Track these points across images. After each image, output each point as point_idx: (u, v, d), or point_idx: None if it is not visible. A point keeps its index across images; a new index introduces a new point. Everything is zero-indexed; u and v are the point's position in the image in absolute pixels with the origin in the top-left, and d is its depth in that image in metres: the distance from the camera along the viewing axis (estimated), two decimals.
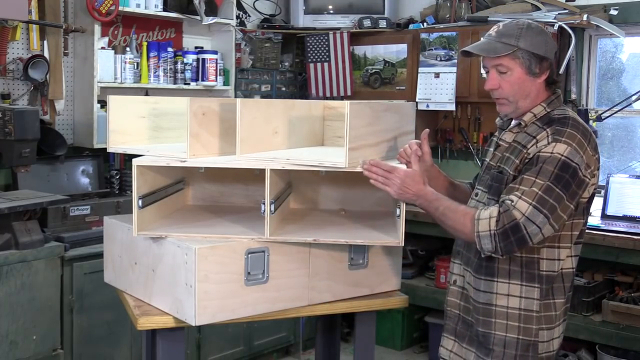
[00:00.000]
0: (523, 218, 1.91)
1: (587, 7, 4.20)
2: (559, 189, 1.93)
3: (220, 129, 2.25)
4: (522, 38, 2.04)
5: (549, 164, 1.94)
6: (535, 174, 1.94)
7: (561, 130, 1.98)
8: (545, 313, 2.07)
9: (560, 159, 1.94)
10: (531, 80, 2.07)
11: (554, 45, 2.12)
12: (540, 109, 2.09)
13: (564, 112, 2.07)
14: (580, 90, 4.34)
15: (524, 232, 1.91)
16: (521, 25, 2.08)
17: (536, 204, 1.91)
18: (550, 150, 1.96)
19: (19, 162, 3.29)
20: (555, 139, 1.97)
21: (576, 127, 2.00)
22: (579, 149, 1.96)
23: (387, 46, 4.79)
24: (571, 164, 1.94)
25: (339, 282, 2.32)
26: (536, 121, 2.07)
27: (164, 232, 2.20)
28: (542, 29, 2.09)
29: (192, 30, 4.52)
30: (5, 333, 3.09)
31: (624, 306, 3.62)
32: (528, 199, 1.92)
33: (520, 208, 1.92)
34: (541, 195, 1.92)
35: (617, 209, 3.94)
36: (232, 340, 4.02)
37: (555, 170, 1.93)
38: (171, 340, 2.19)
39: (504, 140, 2.14)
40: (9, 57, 3.67)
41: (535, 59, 2.05)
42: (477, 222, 1.96)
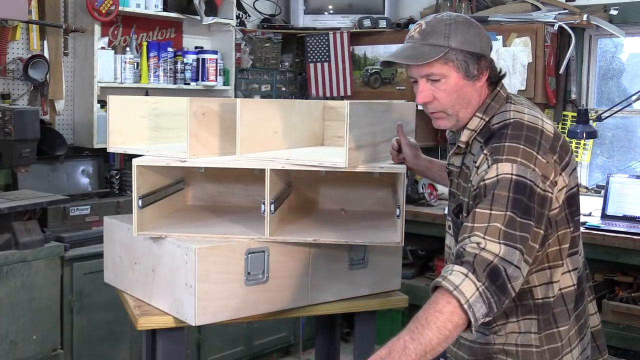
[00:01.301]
0: (497, 259, 1.53)
1: (587, 7, 4.20)
2: (521, 217, 1.57)
3: (220, 129, 2.25)
4: (452, 36, 1.70)
5: (500, 189, 1.58)
6: (489, 205, 1.58)
7: (498, 146, 1.64)
8: (548, 346, 1.75)
9: (511, 179, 1.59)
10: (471, 85, 1.74)
11: (489, 38, 1.79)
12: (477, 121, 1.76)
13: (503, 116, 1.73)
14: (580, 90, 4.34)
15: (503, 276, 1.52)
16: (448, 20, 1.73)
17: (506, 242, 1.54)
18: (494, 174, 1.61)
19: (19, 162, 3.29)
20: (495, 160, 1.62)
21: (516, 134, 1.66)
22: (527, 161, 1.61)
23: (387, 46, 4.79)
24: (525, 182, 1.59)
25: (339, 282, 2.32)
26: (477, 136, 1.76)
27: (164, 232, 2.20)
28: (471, 21, 1.76)
29: (192, 30, 4.52)
30: (5, 333, 3.09)
31: (624, 306, 3.62)
32: (494, 238, 1.54)
33: (491, 249, 1.54)
34: (504, 230, 1.55)
35: (617, 209, 3.94)
36: (232, 340, 4.02)
37: (510, 194, 1.58)
38: (171, 340, 2.19)
39: (453, 165, 1.86)
40: (9, 57, 3.67)
41: (472, 58, 1.72)
42: (459, 291, 1.50)
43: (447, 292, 1.52)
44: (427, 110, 1.80)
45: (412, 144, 2.20)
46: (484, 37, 1.76)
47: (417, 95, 1.77)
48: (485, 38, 1.76)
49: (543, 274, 1.72)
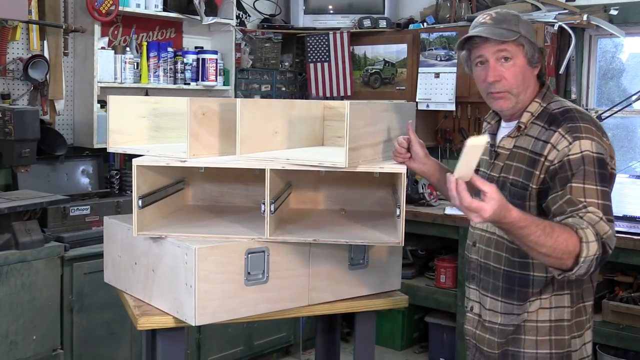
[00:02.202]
0: (606, 236, 1.73)
1: (587, 7, 4.20)
2: (607, 187, 1.80)
3: (220, 129, 2.25)
4: (520, 25, 1.92)
5: (588, 165, 1.79)
6: (582, 180, 1.78)
7: (575, 126, 1.83)
8: (576, 319, 1.93)
9: (593, 156, 1.79)
10: (530, 71, 1.95)
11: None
12: (536, 106, 1.95)
13: (560, 103, 1.94)
14: (580, 90, 4.34)
15: (608, 249, 1.74)
16: (514, 13, 1.96)
17: (607, 216, 1.76)
18: (577, 150, 1.80)
19: (19, 162, 3.29)
20: (575, 137, 1.81)
21: (584, 118, 1.87)
22: (601, 141, 1.83)
23: (387, 46, 4.79)
24: (603, 158, 1.81)
25: (339, 282, 2.32)
26: (535, 120, 1.93)
27: (164, 232, 2.20)
28: (528, 20, 1.99)
29: (192, 30, 4.52)
30: (5, 333, 3.09)
31: (624, 306, 3.62)
32: (598, 210, 1.75)
33: (603, 225, 1.74)
34: (603, 203, 1.77)
35: (617, 209, 3.88)
36: (232, 340, 4.02)
37: (596, 169, 1.79)
38: (171, 340, 2.19)
39: (503, 147, 1.98)
40: (9, 57, 3.67)
41: (535, 47, 1.93)
42: (587, 246, 1.69)
43: (578, 240, 1.70)
44: (491, 90, 1.94)
45: (422, 144, 2.20)
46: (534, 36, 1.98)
47: (488, 74, 1.92)
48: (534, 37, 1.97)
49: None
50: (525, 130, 1.93)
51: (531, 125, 1.93)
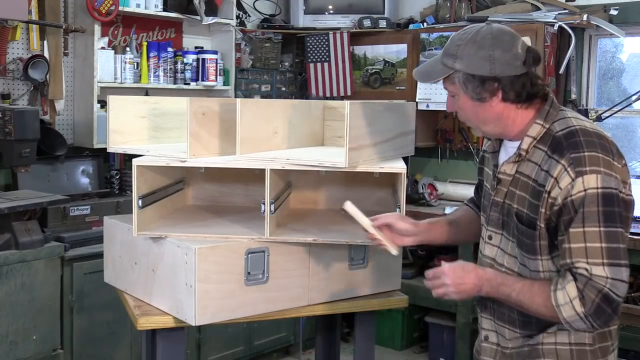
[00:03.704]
0: (608, 283, 1.60)
1: (587, 7, 4.20)
2: (615, 227, 1.62)
3: (220, 129, 2.25)
4: (459, 58, 1.72)
5: (589, 206, 1.61)
6: (581, 224, 1.62)
7: (579, 157, 1.64)
8: (600, 344, 1.77)
9: (598, 193, 1.61)
10: (482, 106, 1.74)
11: (512, 57, 1.71)
12: (538, 128, 1.75)
13: (565, 123, 1.73)
14: (580, 90, 4.34)
15: (614, 297, 1.61)
16: (463, 39, 1.73)
17: (610, 261, 1.61)
18: (580, 188, 1.62)
19: (19, 162, 3.29)
20: (579, 173, 1.63)
21: (590, 141, 1.67)
22: (609, 170, 1.64)
23: (387, 46, 4.79)
24: (612, 192, 1.62)
25: (339, 282, 2.32)
26: (537, 144, 1.74)
27: (164, 232, 2.20)
28: (489, 40, 1.70)
29: (192, 30, 4.52)
30: (5, 333, 3.09)
31: (624, 306, 3.59)
32: (597, 259, 1.61)
33: (599, 274, 1.60)
34: (607, 247, 1.61)
35: None
36: (232, 340, 4.02)
37: (600, 208, 1.61)
38: (171, 340, 2.19)
39: (504, 173, 1.81)
40: (9, 57, 3.67)
41: (474, 81, 1.71)
42: (560, 309, 1.64)
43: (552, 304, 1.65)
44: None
45: (400, 216, 2.06)
46: (502, 57, 1.69)
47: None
48: (505, 57, 1.69)
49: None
50: (528, 155, 1.76)
51: (534, 150, 1.75)
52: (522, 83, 1.73)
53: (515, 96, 1.73)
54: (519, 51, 1.71)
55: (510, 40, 1.72)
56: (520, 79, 1.72)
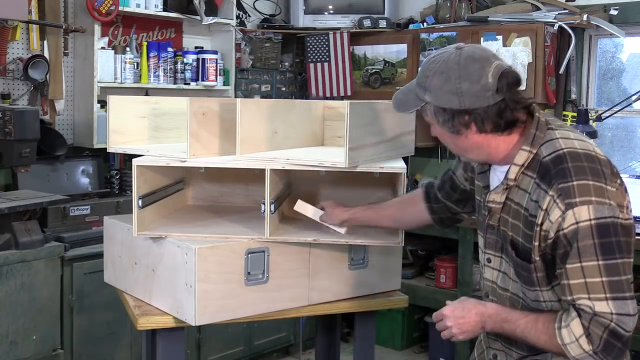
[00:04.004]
0: (614, 318, 1.51)
1: (587, 7, 4.20)
2: (614, 259, 1.52)
3: (220, 129, 2.25)
4: (428, 90, 1.61)
5: (583, 240, 1.51)
6: (578, 259, 1.52)
7: (567, 187, 1.54)
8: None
9: (592, 225, 1.51)
10: (459, 137, 1.64)
11: (481, 88, 1.57)
12: (525, 155, 1.63)
13: (553, 145, 1.61)
14: (580, 90, 4.34)
15: (623, 333, 1.52)
16: (430, 70, 1.61)
17: (614, 295, 1.51)
18: (572, 222, 1.52)
19: (19, 162, 3.29)
20: (568, 205, 1.52)
21: (579, 167, 1.55)
22: (601, 197, 1.53)
23: (387, 46, 4.79)
24: (606, 222, 1.52)
25: (339, 282, 2.32)
26: (525, 171, 1.64)
27: (164, 232, 2.20)
28: (455, 71, 1.57)
29: (192, 30, 4.52)
30: (5, 333, 3.09)
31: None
32: (600, 294, 1.51)
33: (603, 310, 1.51)
34: (608, 280, 1.51)
35: None
36: (232, 340, 4.02)
37: (596, 241, 1.51)
38: (171, 340, 2.19)
39: (494, 202, 1.71)
40: (9, 57, 3.67)
41: (445, 114, 1.61)
42: (567, 348, 1.56)
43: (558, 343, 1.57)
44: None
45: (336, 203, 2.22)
46: (469, 91, 1.57)
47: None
48: (473, 89, 1.56)
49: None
50: (516, 182, 1.66)
51: (522, 176, 1.65)
52: (498, 112, 1.59)
53: (493, 126, 1.61)
54: (489, 80, 1.56)
55: (479, 70, 1.57)
56: (495, 108, 1.58)
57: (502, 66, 1.59)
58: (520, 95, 1.62)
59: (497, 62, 1.59)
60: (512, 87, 1.59)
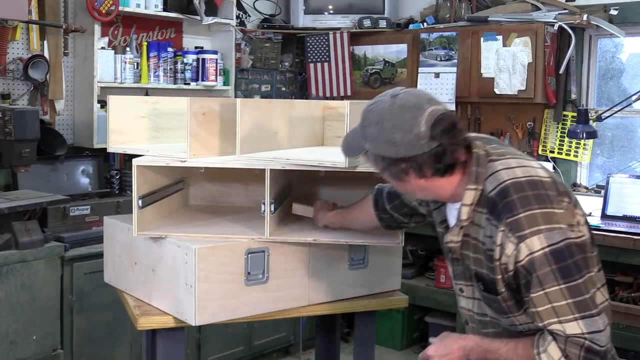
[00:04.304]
0: (587, 337, 1.54)
1: (587, 7, 4.20)
2: (574, 280, 1.54)
3: (220, 129, 2.25)
4: (366, 138, 1.65)
5: (540, 269, 1.54)
6: (540, 287, 1.55)
7: (515, 220, 1.56)
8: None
9: (546, 254, 1.54)
10: (402, 182, 1.66)
11: (414, 138, 1.57)
12: (472, 195, 1.65)
13: (495, 179, 1.62)
14: (580, 90, 4.34)
15: (598, 348, 1.55)
16: (368, 120, 1.64)
17: (581, 314, 1.54)
18: (526, 253, 1.55)
19: (19, 162, 3.29)
20: (519, 237, 1.55)
21: (523, 197, 1.58)
22: (550, 223, 1.56)
23: (387, 46, 4.79)
24: (560, 248, 1.55)
25: (339, 282, 2.32)
26: (476, 208, 1.66)
27: (164, 232, 2.20)
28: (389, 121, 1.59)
29: (192, 30, 4.52)
30: (5, 333, 3.09)
31: (624, 306, 3.62)
32: (568, 316, 1.54)
33: (574, 331, 1.54)
34: (573, 302, 1.54)
35: (617, 209, 3.94)
36: (232, 340, 4.02)
37: (553, 267, 1.54)
38: (171, 340, 2.19)
39: (452, 242, 1.74)
40: (9, 57, 3.67)
41: (385, 163, 1.63)
42: None
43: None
44: None
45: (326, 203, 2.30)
46: (403, 140, 1.58)
47: None
48: (406, 140, 1.57)
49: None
50: (470, 220, 1.69)
51: (474, 213, 1.67)
52: (436, 157, 1.60)
53: (433, 171, 1.62)
54: (422, 129, 1.56)
55: (411, 119, 1.57)
56: (432, 154, 1.59)
57: (436, 112, 1.59)
58: (458, 137, 1.62)
59: (431, 108, 1.59)
60: (448, 131, 1.59)
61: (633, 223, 3.80)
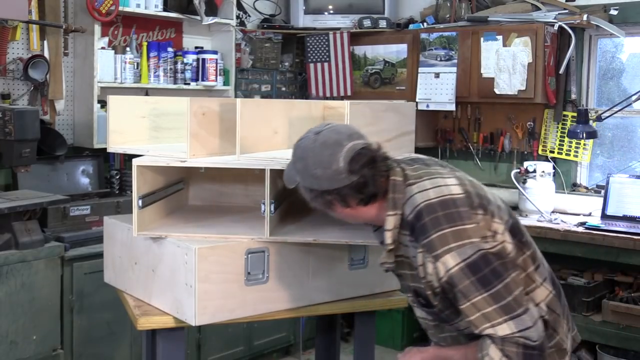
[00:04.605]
0: (519, 334, 1.66)
1: (587, 7, 4.20)
2: (494, 286, 1.65)
3: (220, 129, 2.25)
4: (297, 172, 1.79)
5: (460, 283, 1.65)
6: (465, 299, 1.66)
7: (429, 241, 1.67)
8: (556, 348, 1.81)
9: (462, 268, 1.65)
10: (331, 211, 1.81)
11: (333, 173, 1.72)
12: (393, 220, 1.77)
13: (412, 203, 1.73)
14: (580, 90, 4.34)
15: (533, 343, 1.66)
16: (295, 155, 1.80)
17: (509, 316, 1.65)
18: (443, 271, 1.66)
19: (19, 162, 3.29)
20: (435, 257, 1.67)
21: (434, 219, 1.68)
22: (460, 240, 1.65)
23: (387, 46, 4.79)
24: (474, 260, 1.65)
25: (339, 282, 2.32)
26: (401, 230, 1.78)
27: (164, 232, 2.20)
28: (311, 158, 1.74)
29: (192, 30, 4.52)
30: (5, 333, 3.09)
31: (624, 306, 3.62)
32: (498, 319, 1.65)
33: (505, 333, 1.65)
34: (498, 306, 1.65)
35: (617, 209, 3.94)
36: (232, 340, 4.02)
37: (472, 279, 1.65)
38: (171, 340, 2.19)
39: (387, 263, 1.86)
40: (9, 57, 3.67)
41: (313, 194, 1.78)
42: None
43: None
44: None
45: None
46: (323, 176, 1.73)
47: None
48: (327, 175, 1.72)
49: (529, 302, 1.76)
50: (398, 241, 1.81)
51: (400, 236, 1.79)
52: (357, 189, 1.74)
53: (357, 201, 1.76)
54: (340, 165, 1.71)
55: (330, 156, 1.72)
56: (354, 186, 1.73)
57: (355, 148, 1.74)
58: (378, 169, 1.76)
59: (350, 144, 1.74)
60: (367, 165, 1.73)
61: (633, 223, 3.79)
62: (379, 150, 1.78)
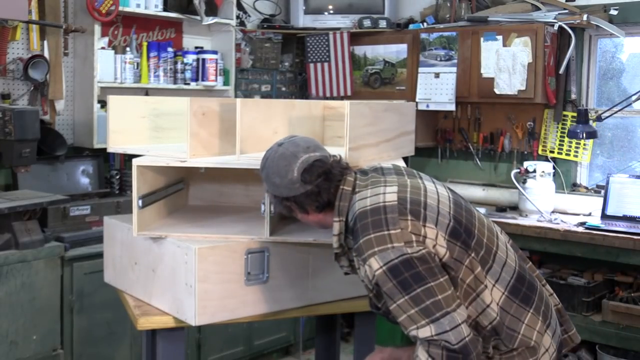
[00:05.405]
0: (439, 337, 1.71)
1: (587, 7, 4.19)
2: (414, 290, 1.72)
3: (220, 129, 2.25)
4: (263, 180, 1.96)
5: (384, 285, 1.74)
6: (391, 301, 1.75)
7: (357, 246, 1.79)
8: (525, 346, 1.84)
9: (384, 271, 1.73)
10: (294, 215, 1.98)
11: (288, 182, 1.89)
12: (338, 226, 1.90)
13: (352, 210, 1.85)
14: (580, 90, 4.34)
15: (453, 346, 1.71)
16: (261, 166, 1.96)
17: (429, 319, 1.71)
18: (371, 273, 1.76)
19: (19, 162, 3.29)
20: (363, 260, 1.77)
21: (364, 225, 1.78)
22: (383, 245, 1.74)
23: (387, 46, 4.79)
24: (395, 264, 1.73)
25: (339, 282, 2.32)
26: (346, 234, 1.90)
27: (164, 232, 2.20)
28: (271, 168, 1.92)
29: (192, 30, 4.52)
30: (5, 333, 3.09)
31: (624, 306, 3.62)
32: (420, 322, 1.72)
33: (427, 335, 1.72)
34: (419, 309, 1.72)
35: (617, 209, 3.94)
36: (232, 340, 4.02)
37: (394, 282, 1.73)
38: (171, 340, 2.19)
39: (344, 266, 2.01)
40: (9, 57, 3.67)
41: (276, 200, 1.96)
42: None
43: None
44: None
45: None
46: (281, 184, 1.90)
47: None
48: (283, 184, 1.89)
49: (476, 304, 1.81)
50: (347, 246, 1.93)
51: (348, 240, 1.91)
52: (312, 197, 1.90)
53: (314, 207, 1.92)
54: (294, 175, 1.88)
55: (286, 167, 1.89)
56: (309, 194, 1.89)
57: (309, 160, 1.90)
58: (331, 179, 1.90)
59: (306, 156, 1.90)
60: (320, 175, 1.89)
61: (633, 223, 3.79)
62: (339, 161, 1.93)
